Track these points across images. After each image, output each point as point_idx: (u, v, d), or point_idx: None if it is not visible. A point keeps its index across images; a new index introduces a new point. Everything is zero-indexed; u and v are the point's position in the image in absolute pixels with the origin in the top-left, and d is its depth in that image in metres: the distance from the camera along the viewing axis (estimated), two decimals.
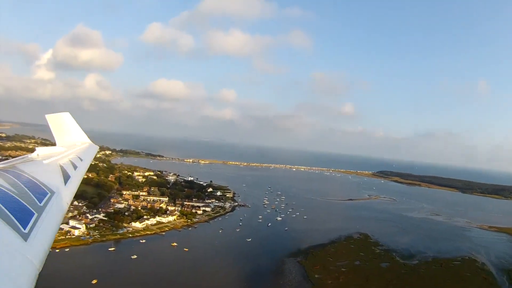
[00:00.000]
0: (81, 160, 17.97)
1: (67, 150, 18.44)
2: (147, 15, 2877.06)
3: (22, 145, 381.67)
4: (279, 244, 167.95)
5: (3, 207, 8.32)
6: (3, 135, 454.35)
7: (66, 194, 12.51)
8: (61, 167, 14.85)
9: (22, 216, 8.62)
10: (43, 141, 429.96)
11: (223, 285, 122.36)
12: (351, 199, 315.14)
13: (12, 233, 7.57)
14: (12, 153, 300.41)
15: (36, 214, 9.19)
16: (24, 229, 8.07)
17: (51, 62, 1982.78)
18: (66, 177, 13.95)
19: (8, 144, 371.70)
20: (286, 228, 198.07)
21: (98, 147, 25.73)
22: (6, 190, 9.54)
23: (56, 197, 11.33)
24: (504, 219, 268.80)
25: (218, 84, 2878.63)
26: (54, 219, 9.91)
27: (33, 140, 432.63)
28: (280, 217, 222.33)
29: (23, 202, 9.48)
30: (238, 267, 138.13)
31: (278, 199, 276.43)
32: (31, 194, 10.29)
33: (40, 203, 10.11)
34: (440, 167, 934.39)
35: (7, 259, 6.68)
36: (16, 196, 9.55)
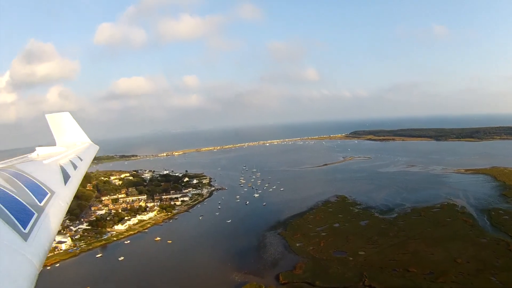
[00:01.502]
0: (81, 160, 18.09)
1: (67, 150, 18.70)
2: (94, 16, 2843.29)
3: None
4: (258, 220, 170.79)
5: (3, 207, 8.47)
6: None
7: (66, 194, 12.87)
8: (61, 167, 15.05)
9: (22, 216, 8.78)
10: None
11: (209, 269, 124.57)
12: (326, 164, 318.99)
13: (12, 233, 7.76)
14: None
15: (36, 214, 9.38)
16: (24, 229, 8.24)
17: (9, 84, 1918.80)
18: (66, 177, 14.22)
19: None
20: (264, 203, 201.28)
21: (98, 147, 25.98)
22: (6, 190, 9.74)
23: (56, 197, 11.55)
24: (480, 161, 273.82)
25: (178, 72, 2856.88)
26: (54, 219, 10.09)
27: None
28: (257, 194, 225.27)
29: (23, 202, 9.62)
30: (221, 250, 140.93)
31: (254, 176, 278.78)
32: (31, 194, 10.46)
33: (40, 203, 10.31)
34: (411, 119, 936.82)
35: (7, 259, 6.85)
36: (16, 196, 9.72)
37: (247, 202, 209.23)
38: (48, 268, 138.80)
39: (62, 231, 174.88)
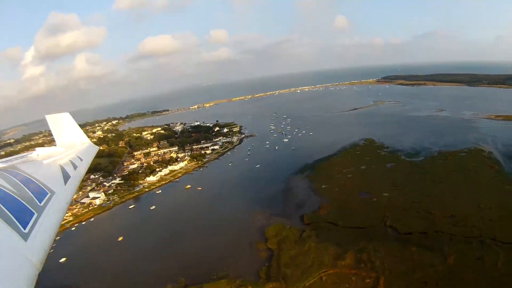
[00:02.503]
0: (81, 160, 18.13)
1: (66, 150, 18.69)
2: None
3: (32, 143, 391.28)
4: (286, 164, 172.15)
5: (3, 207, 8.53)
6: (12, 140, 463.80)
7: (66, 194, 12.79)
8: (61, 167, 15.09)
9: (22, 216, 8.85)
10: (50, 132, 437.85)
11: (237, 213, 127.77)
12: (355, 108, 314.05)
13: (12, 233, 7.84)
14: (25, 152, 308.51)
15: (36, 214, 9.45)
16: (24, 229, 8.32)
17: (36, 58, 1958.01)
18: (66, 177, 14.19)
19: (19, 146, 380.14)
20: (293, 148, 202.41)
21: (98, 147, 26.04)
22: (6, 190, 9.75)
23: (56, 197, 11.59)
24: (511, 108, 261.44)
25: (206, 28, 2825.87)
26: (54, 219, 10.11)
27: (41, 135, 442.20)
28: (286, 139, 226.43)
29: (23, 202, 9.69)
30: (249, 194, 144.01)
31: (284, 122, 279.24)
32: (31, 194, 10.52)
33: (40, 203, 10.37)
34: (444, 65, 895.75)
35: (7, 259, 6.93)
36: (16, 196, 9.76)
37: (276, 147, 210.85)
38: (83, 223, 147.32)
39: (96, 187, 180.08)
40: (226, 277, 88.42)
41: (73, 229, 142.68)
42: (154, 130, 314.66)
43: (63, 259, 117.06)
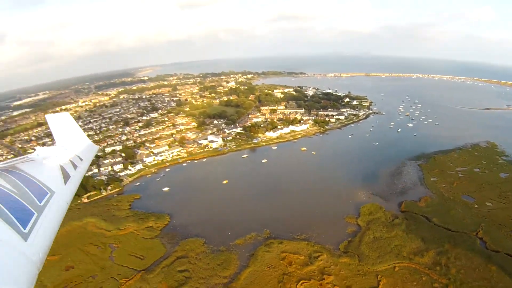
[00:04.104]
0: (81, 159, 18.03)
1: (67, 150, 18.52)
2: None
3: (165, 82, 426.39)
4: (404, 148, 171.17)
5: (3, 207, 8.51)
6: (146, 78, 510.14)
7: (66, 193, 12.80)
8: (61, 167, 15.02)
9: (22, 216, 8.86)
10: (185, 76, 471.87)
11: (341, 182, 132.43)
12: (488, 108, 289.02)
13: (12, 233, 7.85)
14: (155, 91, 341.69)
15: (36, 214, 9.49)
16: (24, 229, 8.35)
17: (175, 5, 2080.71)
18: (66, 177, 14.19)
19: (152, 84, 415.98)
20: (415, 134, 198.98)
21: (98, 147, 25.80)
22: (6, 190, 9.72)
23: (56, 196, 11.60)
24: None
25: None
26: (54, 218, 10.25)
27: (175, 77, 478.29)
28: (411, 124, 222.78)
29: (23, 202, 9.69)
30: (358, 167, 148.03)
31: (413, 107, 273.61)
32: (31, 194, 10.50)
33: (40, 203, 10.39)
34: None
35: (7, 259, 6.95)
36: (16, 196, 9.72)
37: (399, 130, 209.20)
38: (196, 161, 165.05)
39: (215, 132, 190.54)
40: (307, 239, 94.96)
41: (184, 164, 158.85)
42: (286, 90, 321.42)
43: (166, 188, 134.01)
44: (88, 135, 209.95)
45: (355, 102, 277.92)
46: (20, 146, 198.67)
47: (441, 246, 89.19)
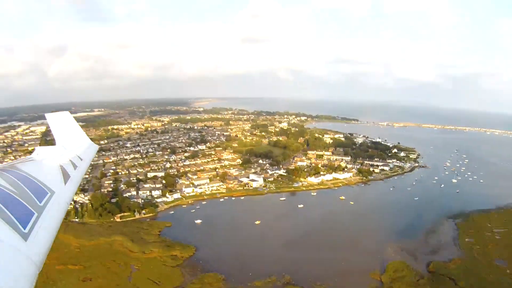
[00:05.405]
0: (81, 159, 18.11)
1: (67, 150, 18.60)
2: None
3: (219, 116, 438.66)
4: (444, 204, 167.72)
5: (3, 207, 8.55)
6: (201, 109, 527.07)
7: (66, 193, 12.84)
8: (61, 167, 15.11)
9: (22, 216, 8.89)
10: (240, 112, 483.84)
11: (372, 234, 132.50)
12: None
13: (12, 233, 7.85)
14: (208, 123, 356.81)
15: (36, 214, 9.49)
16: (24, 229, 8.34)
17: (236, 38, 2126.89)
18: (66, 177, 14.25)
19: (205, 116, 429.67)
20: (458, 191, 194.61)
21: (98, 147, 25.62)
22: (6, 190, 9.78)
23: (56, 196, 11.62)
24: None
25: (405, 40, 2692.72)
26: (54, 218, 10.21)
27: (230, 112, 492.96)
28: (455, 179, 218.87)
29: (23, 202, 9.71)
30: (393, 221, 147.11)
31: (460, 162, 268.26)
32: (31, 194, 10.59)
33: (40, 203, 10.42)
34: None
35: (7, 259, 6.99)
36: (16, 196, 9.79)
37: (442, 185, 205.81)
38: (233, 198, 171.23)
39: (258, 171, 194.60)
40: None
41: (221, 200, 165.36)
42: (336, 136, 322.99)
43: (198, 221, 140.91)
44: (134, 158, 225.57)
45: (402, 154, 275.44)
46: None
47: None
